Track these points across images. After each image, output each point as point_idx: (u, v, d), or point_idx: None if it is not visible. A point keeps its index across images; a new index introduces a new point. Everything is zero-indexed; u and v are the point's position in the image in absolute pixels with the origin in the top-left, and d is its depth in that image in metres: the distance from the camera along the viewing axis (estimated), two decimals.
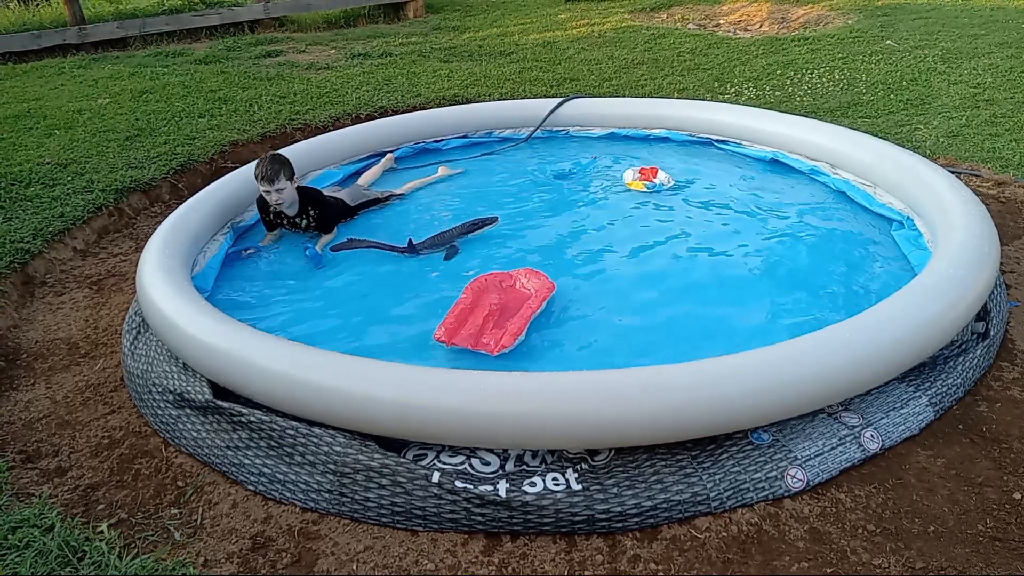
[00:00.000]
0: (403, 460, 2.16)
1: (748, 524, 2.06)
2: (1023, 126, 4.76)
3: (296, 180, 3.55)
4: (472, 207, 3.96)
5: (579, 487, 2.09)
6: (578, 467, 2.17)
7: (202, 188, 3.84)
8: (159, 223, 3.44)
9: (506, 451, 2.24)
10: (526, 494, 2.06)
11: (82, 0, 8.05)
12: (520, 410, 2.09)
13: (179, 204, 3.64)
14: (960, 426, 2.39)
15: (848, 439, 2.24)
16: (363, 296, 3.21)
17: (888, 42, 6.95)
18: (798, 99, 5.69)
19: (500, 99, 5.82)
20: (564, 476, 2.13)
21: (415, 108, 5.64)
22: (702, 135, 4.76)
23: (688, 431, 2.14)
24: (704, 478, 2.12)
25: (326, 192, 3.80)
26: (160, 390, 2.57)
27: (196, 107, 5.80)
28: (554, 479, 2.12)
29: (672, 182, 4.08)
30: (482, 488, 2.07)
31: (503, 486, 2.08)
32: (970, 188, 3.23)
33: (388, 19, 9.64)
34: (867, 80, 5.97)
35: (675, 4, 9.49)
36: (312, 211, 3.63)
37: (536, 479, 2.12)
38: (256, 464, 2.28)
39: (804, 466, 2.17)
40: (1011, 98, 5.28)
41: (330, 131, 4.98)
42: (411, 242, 3.46)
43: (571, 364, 2.66)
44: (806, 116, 4.61)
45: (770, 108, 4.99)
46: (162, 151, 4.90)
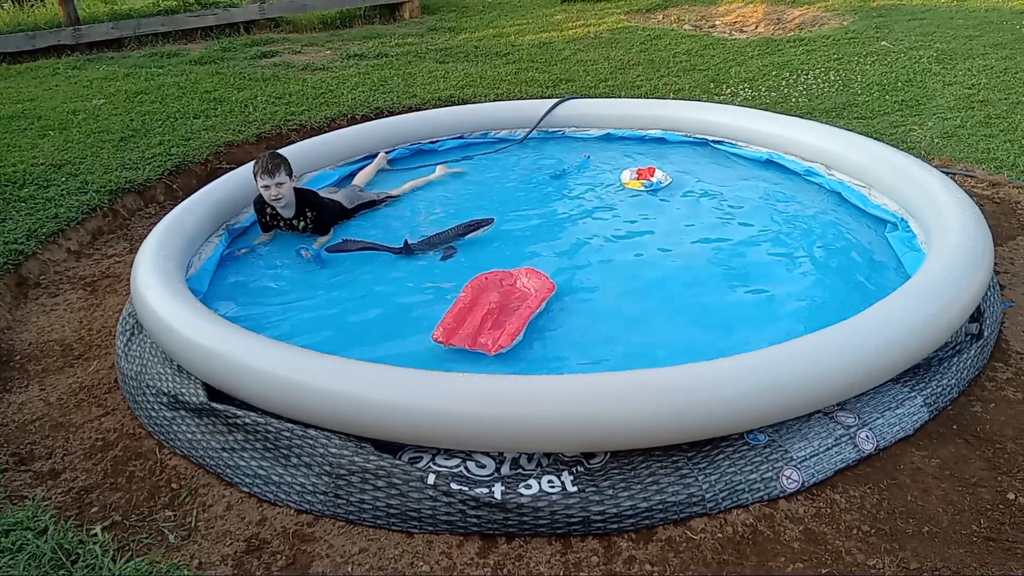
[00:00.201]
0: (399, 462, 2.15)
1: (743, 525, 2.06)
2: (1017, 127, 4.77)
3: (294, 179, 3.55)
4: (469, 208, 3.95)
5: (575, 488, 2.09)
6: (574, 469, 2.16)
7: (197, 189, 3.83)
8: (154, 224, 3.44)
9: (502, 454, 2.23)
10: (521, 496, 2.05)
11: (77, 1, 8.02)
12: (517, 413, 2.08)
13: (174, 205, 3.63)
14: (954, 426, 2.39)
15: (844, 440, 2.25)
16: (359, 297, 3.20)
17: (883, 43, 6.97)
18: (793, 100, 5.70)
19: (496, 100, 5.81)
20: (560, 479, 2.12)
21: (411, 109, 5.64)
22: (698, 136, 4.76)
23: (686, 433, 2.14)
24: (700, 479, 2.12)
25: (322, 194, 3.80)
26: (154, 392, 2.57)
27: (191, 108, 5.79)
28: (549, 481, 2.11)
29: (669, 180, 4.08)
30: (477, 491, 2.07)
31: (498, 489, 2.08)
32: (964, 189, 3.25)
33: (384, 20, 9.63)
34: (862, 81, 5.98)
35: (671, 5, 9.51)
36: (309, 213, 3.63)
37: (532, 481, 2.11)
38: (251, 466, 2.27)
39: (799, 467, 2.17)
40: (1005, 99, 5.30)
41: (326, 132, 4.97)
42: (407, 242, 3.45)
43: (569, 366, 2.66)
44: (801, 117, 4.62)
45: (766, 109, 5.00)
46: (157, 152, 4.89)
